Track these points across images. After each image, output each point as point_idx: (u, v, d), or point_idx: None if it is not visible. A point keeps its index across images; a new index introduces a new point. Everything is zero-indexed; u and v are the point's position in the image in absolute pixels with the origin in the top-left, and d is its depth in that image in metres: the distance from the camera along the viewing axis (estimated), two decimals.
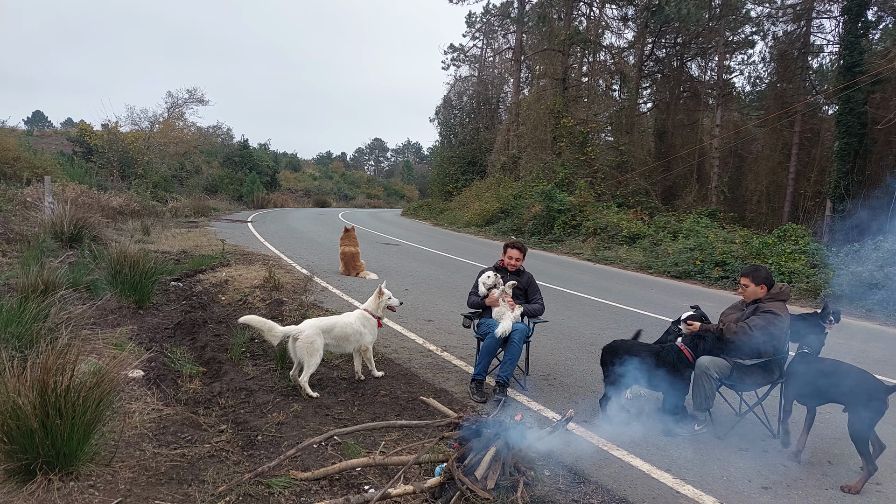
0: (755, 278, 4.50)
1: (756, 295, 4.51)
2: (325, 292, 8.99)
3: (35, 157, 22.81)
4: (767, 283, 4.49)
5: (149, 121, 32.64)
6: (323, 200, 47.56)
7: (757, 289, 4.50)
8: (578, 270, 14.42)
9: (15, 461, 3.01)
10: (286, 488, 3.19)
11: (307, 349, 4.72)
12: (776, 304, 4.41)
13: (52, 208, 11.93)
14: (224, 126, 47.17)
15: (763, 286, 4.48)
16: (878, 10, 19.72)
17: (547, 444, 3.72)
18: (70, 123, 64.27)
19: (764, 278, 4.50)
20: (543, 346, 6.57)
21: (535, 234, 21.30)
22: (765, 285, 4.48)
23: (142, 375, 4.74)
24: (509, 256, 5.55)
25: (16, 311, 4.72)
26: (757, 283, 4.49)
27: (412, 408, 4.58)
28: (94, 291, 7.15)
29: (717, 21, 24.40)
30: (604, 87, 28.24)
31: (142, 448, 3.57)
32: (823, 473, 3.93)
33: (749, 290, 4.53)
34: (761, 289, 4.49)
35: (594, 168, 24.42)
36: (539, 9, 28.14)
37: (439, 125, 40.30)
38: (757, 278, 4.50)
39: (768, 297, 4.48)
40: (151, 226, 15.88)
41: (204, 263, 10.55)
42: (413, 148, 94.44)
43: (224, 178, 36.70)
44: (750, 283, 4.52)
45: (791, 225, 15.93)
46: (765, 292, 4.49)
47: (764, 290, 4.49)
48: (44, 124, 70.02)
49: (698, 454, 4.10)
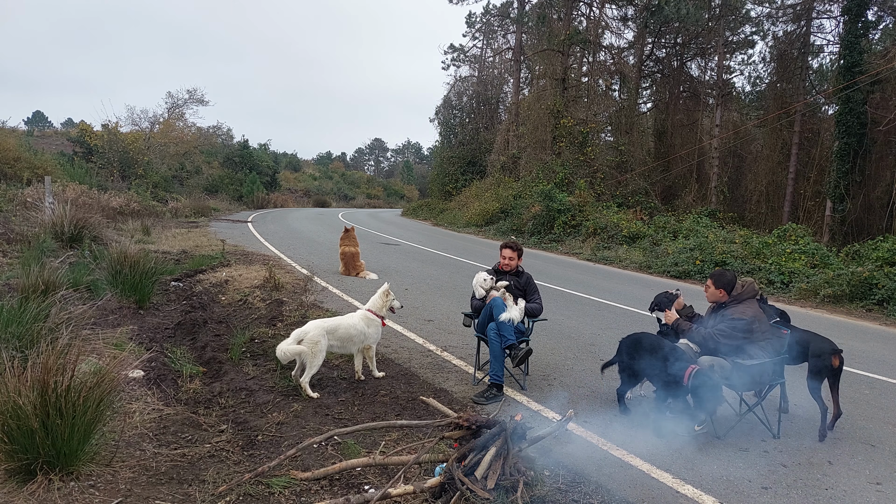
0: (716, 282, 4.72)
1: (716, 297, 4.73)
2: (325, 292, 8.99)
3: (35, 157, 22.82)
4: (727, 288, 4.68)
5: (149, 121, 32.71)
6: (323, 201, 47.56)
7: (716, 292, 4.71)
8: (578, 270, 14.42)
9: (15, 461, 3.01)
10: (286, 488, 3.20)
11: (311, 349, 4.73)
12: (739, 307, 4.56)
13: (52, 208, 11.93)
14: (224, 126, 47.21)
15: (722, 290, 4.68)
16: (878, 10, 19.74)
17: (547, 444, 3.72)
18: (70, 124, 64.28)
19: (724, 284, 4.68)
20: (543, 346, 6.57)
21: (535, 234, 21.31)
22: (724, 290, 4.68)
23: (142, 375, 4.74)
24: (503, 256, 5.56)
25: (16, 311, 4.72)
26: (717, 287, 4.70)
27: (412, 408, 4.58)
28: (95, 291, 7.16)
29: (717, 21, 24.40)
30: (603, 87, 28.22)
31: (142, 448, 3.58)
32: (823, 473, 3.93)
33: (709, 292, 4.77)
34: (720, 293, 4.69)
35: (594, 168, 24.42)
36: (539, 9, 28.14)
37: (439, 125, 40.29)
38: (718, 282, 4.71)
39: (731, 300, 4.65)
40: (151, 226, 15.89)
41: (204, 263, 10.55)
42: (413, 148, 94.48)
43: (224, 178, 36.72)
44: (711, 285, 4.74)
45: (791, 225, 15.94)
46: (724, 296, 4.67)
47: (723, 294, 4.68)
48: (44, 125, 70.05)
49: (698, 454, 4.10)
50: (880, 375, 6.40)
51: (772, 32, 23.89)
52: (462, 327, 6.18)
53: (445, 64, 41.25)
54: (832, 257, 13.06)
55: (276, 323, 6.71)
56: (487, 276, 5.37)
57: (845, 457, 4.19)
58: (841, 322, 9.87)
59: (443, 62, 52.00)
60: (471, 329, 5.69)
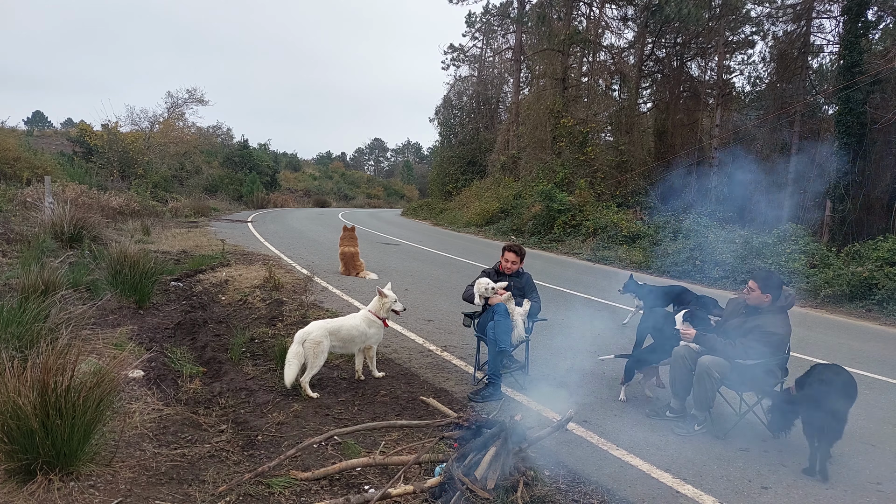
0: (763, 285, 4.42)
1: (760, 301, 4.44)
2: (325, 292, 8.98)
3: (35, 157, 22.77)
4: (775, 292, 4.40)
5: (149, 121, 32.64)
6: (323, 200, 47.52)
7: (762, 296, 4.43)
8: (578, 270, 14.42)
9: (15, 461, 3.01)
10: (286, 488, 3.19)
11: (313, 350, 4.73)
12: (777, 319, 4.35)
13: (52, 208, 11.92)
14: (224, 126, 47.21)
15: (769, 295, 4.41)
16: (878, 10, 19.71)
17: (547, 444, 3.72)
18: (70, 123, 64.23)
19: (773, 287, 4.41)
20: (543, 346, 6.57)
21: (535, 234, 21.31)
22: (770, 295, 4.40)
23: (142, 375, 4.74)
24: (505, 259, 5.55)
25: (16, 311, 4.72)
26: (764, 291, 4.42)
27: (412, 408, 4.58)
28: (95, 291, 7.15)
29: (717, 21, 24.38)
30: (604, 87, 28.23)
31: (142, 448, 3.58)
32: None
33: (754, 296, 4.46)
34: (766, 297, 4.42)
35: (594, 168, 24.40)
36: (539, 9, 28.12)
37: (439, 125, 40.27)
38: (765, 286, 4.41)
39: (772, 307, 4.41)
40: (151, 226, 15.88)
41: (204, 263, 10.55)
42: (413, 148, 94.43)
43: (224, 178, 36.69)
44: (756, 288, 4.44)
45: (791, 225, 15.93)
46: (769, 301, 4.42)
47: (768, 299, 4.42)
48: (44, 124, 69.97)
49: (698, 454, 4.10)
50: (880, 375, 6.40)
51: (772, 32, 23.91)
52: (462, 327, 6.18)
53: (445, 64, 41.26)
54: (832, 257, 13.06)
55: (276, 323, 6.71)
56: (489, 285, 5.29)
57: (845, 457, 4.19)
58: (841, 322, 9.87)
59: (443, 62, 52.02)
60: (471, 329, 5.69)
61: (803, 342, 7.46)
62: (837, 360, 6.75)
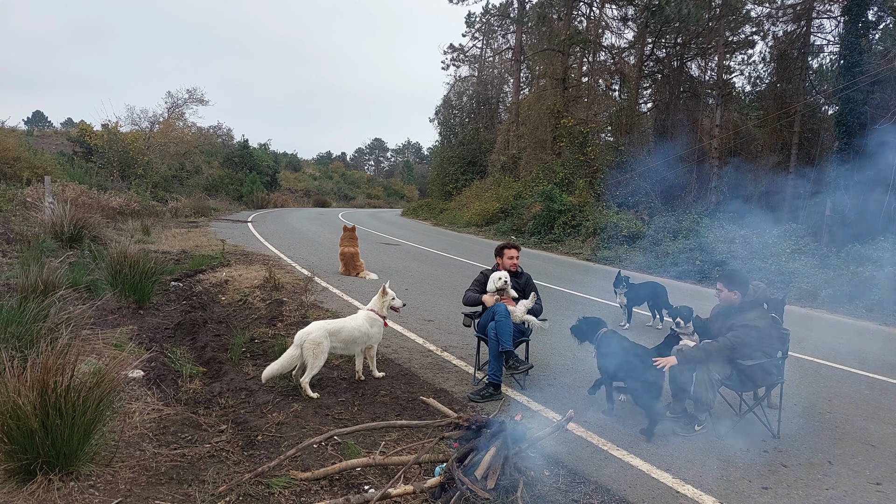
0: (728, 284, 4.55)
1: (730, 300, 4.56)
2: (325, 292, 8.98)
3: (35, 157, 22.76)
4: (741, 289, 4.53)
5: (149, 121, 32.60)
6: (323, 200, 47.52)
7: (730, 295, 4.54)
8: (578, 270, 14.42)
9: (15, 461, 3.01)
10: (286, 488, 3.19)
11: (313, 351, 4.73)
12: (753, 313, 4.44)
13: (52, 208, 11.92)
14: (224, 126, 47.16)
15: (736, 293, 4.52)
16: (878, 10, 19.71)
17: (547, 444, 3.72)
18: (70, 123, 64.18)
19: (738, 284, 4.53)
20: (543, 345, 6.57)
21: (535, 234, 21.31)
22: (738, 292, 4.52)
23: (142, 375, 4.74)
24: (509, 257, 5.54)
25: (16, 311, 4.72)
26: (730, 289, 4.54)
27: (412, 408, 4.58)
28: (94, 291, 7.15)
29: (717, 21, 24.38)
30: (604, 87, 28.24)
31: (142, 448, 3.57)
32: (824, 474, 3.93)
33: (723, 296, 4.60)
34: (735, 295, 4.53)
35: (594, 168, 24.41)
36: (539, 9, 28.13)
37: (439, 125, 40.26)
38: (730, 284, 4.54)
39: (745, 303, 4.52)
40: (151, 226, 15.88)
41: (204, 263, 10.55)
42: (413, 148, 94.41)
43: (224, 178, 36.68)
44: (723, 288, 4.58)
45: (791, 225, 15.93)
46: (738, 298, 4.52)
47: (738, 297, 4.52)
48: (44, 124, 69.94)
49: (698, 454, 4.10)
50: (880, 375, 6.40)
51: (772, 32, 23.93)
52: (462, 327, 6.18)
53: (445, 64, 41.25)
54: (832, 257, 13.06)
55: (276, 323, 6.71)
56: (505, 277, 5.31)
57: (845, 457, 4.19)
58: (841, 322, 9.87)
59: (442, 62, 51.99)
60: (471, 329, 5.69)
61: (803, 342, 7.46)
62: (838, 360, 6.79)
